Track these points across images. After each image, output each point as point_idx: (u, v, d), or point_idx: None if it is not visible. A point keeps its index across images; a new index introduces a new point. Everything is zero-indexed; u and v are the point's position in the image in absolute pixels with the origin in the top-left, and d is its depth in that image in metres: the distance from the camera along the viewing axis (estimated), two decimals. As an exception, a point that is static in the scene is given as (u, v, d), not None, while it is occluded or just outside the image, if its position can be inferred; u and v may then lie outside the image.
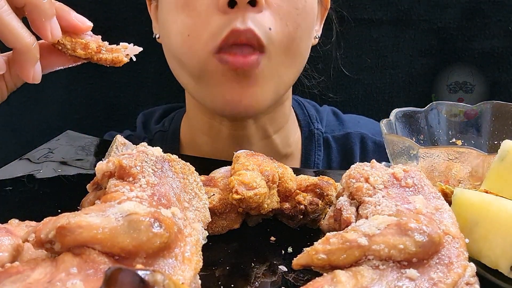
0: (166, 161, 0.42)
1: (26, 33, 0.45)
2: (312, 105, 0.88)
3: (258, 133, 0.76)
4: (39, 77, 0.48)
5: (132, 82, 1.03)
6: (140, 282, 0.26)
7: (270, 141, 0.78)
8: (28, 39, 0.45)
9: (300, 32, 0.65)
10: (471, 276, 0.35)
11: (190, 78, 0.68)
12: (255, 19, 0.61)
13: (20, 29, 0.45)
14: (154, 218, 0.34)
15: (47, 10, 0.46)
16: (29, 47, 0.45)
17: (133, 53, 0.51)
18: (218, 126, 0.75)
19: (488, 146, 0.64)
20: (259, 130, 0.76)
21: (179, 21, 0.64)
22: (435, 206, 0.40)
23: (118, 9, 1.00)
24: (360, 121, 0.89)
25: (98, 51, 0.49)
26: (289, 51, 0.65)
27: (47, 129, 1.04)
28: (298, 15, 0.64)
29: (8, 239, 0.36)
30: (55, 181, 0.60)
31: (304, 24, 0.66)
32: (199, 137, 0.79)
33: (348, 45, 1.02)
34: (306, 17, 0.66)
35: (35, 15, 0.45)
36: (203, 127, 0.78)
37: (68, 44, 0.48)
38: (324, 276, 0.35)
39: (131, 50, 0.51)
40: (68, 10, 0.49)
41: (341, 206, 0.43)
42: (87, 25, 0.50)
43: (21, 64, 0.46)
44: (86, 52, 0.49)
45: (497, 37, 1.04)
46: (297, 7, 0.64)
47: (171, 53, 0.69)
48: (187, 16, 0.63)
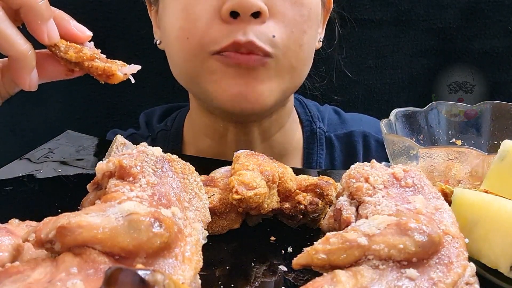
0: (166, 161, 0.42)
1: (21, 40, 0.45)
2: (314, 104, 0.88)
3: (260, 136, 0.76)
4: (36, 85, 0.48)
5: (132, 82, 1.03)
6: (140, 282, 0.26)
7: (271, 141, 0.78)
8: (23, 46, 0.45)
9: (306, 38, 0.65)
10: (471, 276, 0.35)
11: (192, 81, 0.67)
12: (257, 31, 0.60)
13: (15, 36, 0.44)
14: (154, 218, 0.34)
15: (43, 12, 0.45)
16: (25, 54, 0.45)
17: (131, 72, 0.50)
18: (222, 130, 0.75)
19: (488, 146, 0.64)
20: (262, 132, 0.76)
21: (177, 26, 0.64)
22: (435, 206, 0.40)
23: (118, 10, 1.00)
24: (363, 120, 0.89)
25: (92, 58, 0.48)
26: (297, 56, 0.65)
27: (47, 129, 1.04)
28: (304, 22, 0.64)
29: (8, 239, 0.36)
30: (55, 181, 0.60)
31: (310, 30, 0.65)
32: (202, 139, 0.79)
33: (348, 46, 1.02)
34: (311, 24, 0.65)
35: (31, 18, 0.45)
36: (207, 131, 0.77)
37: (62, 46, 0.47)
38: (324, 276, 0.35)
39: (129, 69, 0.49)
40: (67, 19, 0.48)
41: (341, 206, 0.43)
42: (87, 34, 0.49)
43: (17, 71, 0.46)
44: (77, 55, 0.47)
45: (497, 37, 1.04)
46: (302, 14, 0.63)
47: (172, 59, 0.69)
48: (186, 21, 0.63)
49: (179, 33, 0.64)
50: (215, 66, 0.62)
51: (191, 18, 0.62)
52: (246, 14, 0.59)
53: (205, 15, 0.61)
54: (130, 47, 1.01)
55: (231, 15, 0.59)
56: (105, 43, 0.98)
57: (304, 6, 0.64)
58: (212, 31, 0.61)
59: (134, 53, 1.00)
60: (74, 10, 0.80)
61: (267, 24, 0.61)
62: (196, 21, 0.62)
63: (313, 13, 0.65)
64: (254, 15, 0.59)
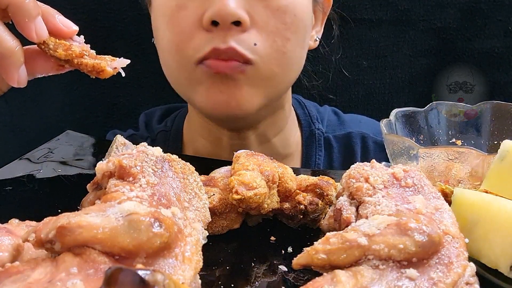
0: (166, 161, 0.42)
1: (8, 36, 0.44)
2: (313, 105, 0.88)
3: (257, 140, 0.76)
4: (25, 81, 0.47)
5: (132, 82, 1.03)
6: (140, 282, 0.26)
7: (269, 145, 0.78)
8: (10, 42, 0.44)
9: (290, 45, 0.64)
10: (471, 276, 0.35)
11: (182, 89, 0.69)
12: (238, 38, 0.60)
13: (1, 32, 0.44)
14: (154, 218, 0.34)
15: (31, 10, 0.45)
16: (12, 50, 0.44)
17: (121, 66, 0.49)
18: (217, 133, 0.76)
19: (488, 146, 0.64)
20: (258, 137, 0.76)
21: (165, 37, 0.65)
22: (435, 206, 0.40)
23: (118, 10, 1.00)
24: (361, 121, 0.89)
25: (81, 55, 0.47)
26: (280, 63, 0.64)
27: (47, 129, 1.04)
28: (287, 30, 0.63)
29: (8, 239, 0.36)
30: (55, 181, 0.60)
31: (295, 37, 0.64)
32: (199, 140, 0.79)
33: (348, 46, 1.02)
34: (296, 30, 0.64)
35: (18, 16, 0.45)
36: (203, 132, 0.78)
37: (51, 44, 0.47)
38: (324, 276, 0.35)
39: (118, 63, 0.49)
40: (53, 14, 0.48)
41: (341, 206, 0.43)
42: (73, 29, 0.48)
43: (5, 68, 0.45)
44: (66, 53, 0.47)
45: (497, 37, 1.04)
46: (284, 22, 0.63)
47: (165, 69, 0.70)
48: (172, 32, 0.64)
49: (168, 45, 0.65)
50: (200, 75, 0.63)
51: (177, 30, 0.63)
52: (225, 23, 0.59)
53: (189, 25, 0.62)
54: (130, 47, 1.01)
55: (213, 24, 0.60)
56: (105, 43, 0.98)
57: (288, 14, 0.63)
58: (195, 40, 0.62)
59: (134, 53, 1.00)
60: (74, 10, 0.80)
61: (248, 32, 0.61)
62: (181, 33, 0.63)
63: (298, 19, 0.64)
64: (235, 23, 0.60)
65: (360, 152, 0.84)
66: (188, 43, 0.62)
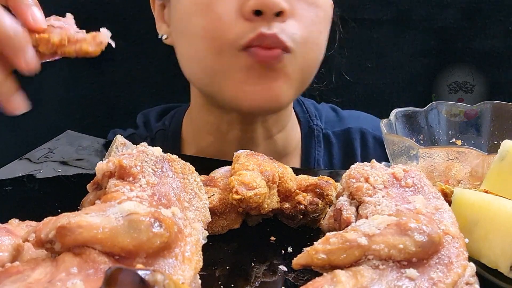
0: (166, 161, 0.42)
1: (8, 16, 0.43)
2: (311, 102, 0.89)
3: (263, 134, 0.76)
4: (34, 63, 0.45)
5: (132, 82, 1.03)
6: (140, 282, 0.26)
7: (272, 141, 0.78)
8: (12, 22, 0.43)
9: (323, 38, 0.69)
10: (471, 276, 0.35)
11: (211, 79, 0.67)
12: (279, 26, 0.62)
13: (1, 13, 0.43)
14: (154, 218, 0.34)
15: None
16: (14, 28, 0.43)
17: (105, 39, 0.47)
18: (226, 127, 0.75)
19: (488, 146, 0.64)
20: (264, 131, 0.76)
21: (199, 25, 0.64)
22: (435, 206, 0.40)
23: (118, 10, 1.00)
24: (360, 117, 0.89)
25: (62, 44, 0.46)
26: (314, 54, 0.68)
27: (47, 129, 1.04)
28: (320, 23, 0.67)
29: (8, 239, 0.36)
30: (55, 181, 0.60)
31: (325, 30, 0.69)
32: (204, 137, 0.79)
33: (348, 46, 1.02)
34: (326, 25, 0.69)
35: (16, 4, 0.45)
36: (210, 128, 0.77)
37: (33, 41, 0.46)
38: (324, 276, 0.35)
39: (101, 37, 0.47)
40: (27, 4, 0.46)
41: (341, 206, 0.43)
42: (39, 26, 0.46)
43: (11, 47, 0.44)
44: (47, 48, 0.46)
45: (497, 37, 1.04)
46: (318, 15, 0.66)
47: (188, 55, 0.69)
48: (208, 20, 0.63)
49: (202, 32, 0.64)
50: (241, 63, 0.63)
51: (213, 18, 0.63)
52: (270, 13, 0.61)
53: (227, 13, 0.62)
54: (130, 47, 1.01)
55: (255, 14, 0.61)
56: (105, 43, 0.98)
57: (320, 8, 0.66)
58: (236, 28, 0.62)
59: (134, 53, 1.00)
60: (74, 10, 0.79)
61: (288, 22, 0.63)
62: (219, 20, 0.63)
63: (327, 14, 0.69)
64: (277, 14, 0.61)
65: (360, 148, 0.84)
66: (228, 30, 0.62)
